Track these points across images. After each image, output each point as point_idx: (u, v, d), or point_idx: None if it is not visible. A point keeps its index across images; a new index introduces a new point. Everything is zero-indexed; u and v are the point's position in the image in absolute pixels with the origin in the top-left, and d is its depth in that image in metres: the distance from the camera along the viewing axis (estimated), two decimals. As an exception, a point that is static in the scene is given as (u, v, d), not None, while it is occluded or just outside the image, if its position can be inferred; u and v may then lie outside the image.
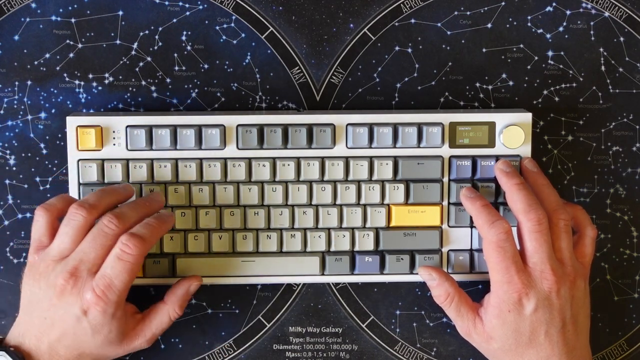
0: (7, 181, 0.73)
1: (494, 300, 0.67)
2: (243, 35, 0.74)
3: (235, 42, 0.74)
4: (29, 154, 0.73)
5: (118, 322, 0.65)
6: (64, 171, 0.73)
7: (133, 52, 0.73)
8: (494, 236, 0.66)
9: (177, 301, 0.69)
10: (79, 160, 0.70)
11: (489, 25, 0.74)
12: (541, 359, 0.67)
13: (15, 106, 0.73)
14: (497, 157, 0.71)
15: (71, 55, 0.73)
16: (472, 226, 0.73)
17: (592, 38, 0.75)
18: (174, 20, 0.73)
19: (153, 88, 0.74)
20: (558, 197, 0.69)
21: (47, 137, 0.73)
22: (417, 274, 0.73)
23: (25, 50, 0.73)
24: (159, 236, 0.66)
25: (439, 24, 0.74)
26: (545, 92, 0.75)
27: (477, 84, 0.75)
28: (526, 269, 0.66)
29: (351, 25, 0.74)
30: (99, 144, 0.70)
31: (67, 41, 0.73)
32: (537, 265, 0.66)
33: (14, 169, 0.73)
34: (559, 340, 0.67)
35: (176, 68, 0.74)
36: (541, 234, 0.66)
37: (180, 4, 0.73)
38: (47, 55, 0.73)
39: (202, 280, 0.71)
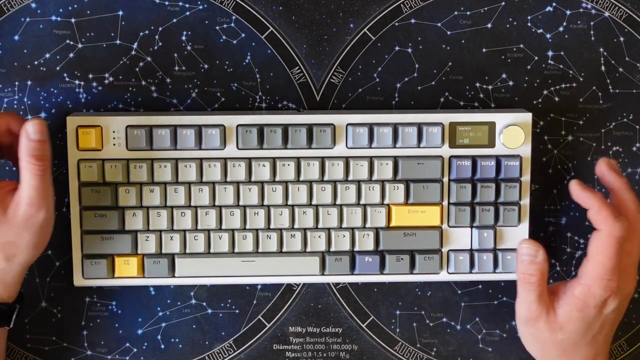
0: (7, 181, 0.73)
1: (581, 292, 0.66)
2: (243, 35, 0.74)
3: (235, 42, 0.74)
4: (29, 154, 0.73)
5: None
6: (64, 171, 0.73)
7: (133, 52, 0.73)
8: (619, 231, 0.65)
9: (25, 151, 0.63)
10: (79, 160, 0.70)
11: (489, 25, 0.74)
12: (590, 356, 0.68)
13: (15, 106, 0.73)
14: (497, 157, 0.71)
15: (71, 55, 0.73)
16: (472, 226, 0.73)
17: (592, 38, 0.75)
18: (174, 20, 0.73)
19: (153, 88, 0.74)
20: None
21: (47, 137, 0.73)
22: (417, 273, 0.73)
23: (25, 50, 0.73)
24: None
25: (439, 24, 0.74)
26: (545, 92, 0.75)
27: (477, 84, 0.75)
28: (620, 270, 0.66)
29: (351, 25, 0.74)
30: (99, 144, 0.70)
31: (67, 41, 0.73)
32: (629, 268, 0.67)
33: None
34: (608, 340, 0.68)
35: (176, 68, 0.74)
36: None
37: (180, 4, 0.73)
38: (47, 55, 0.73)
39: (40, 119, 0.64)
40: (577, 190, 0.68)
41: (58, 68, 0.73)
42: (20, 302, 0.68)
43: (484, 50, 0.74)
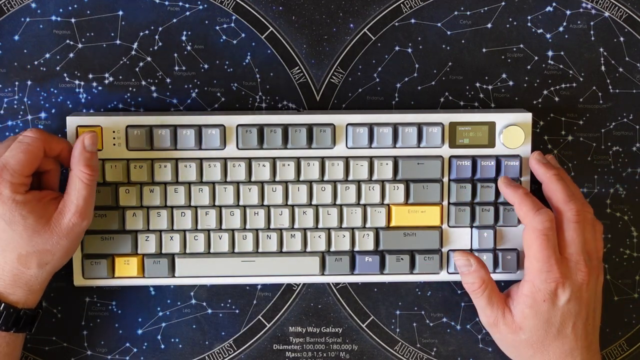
0: (7, 181, 0.73)
1: (527, 289, 0.67)
2: (243, 35, 0.74)
3: (235, 42, 0.74)
4: (29, 154, 0.73)
5: (28, 206, 0.63)
6: (64, 171, 0.73)
7: (133, 52, 0.73)
8: (540, 224, 0.66)
9: (79, 161, 0.65)
10: (79, 160, 0.70)
11: (489, 25, 0.74)
12: (565, 352, 0.67)
13: (15, 106, 0.73)
14: (497, 157, 0.71)
15: (71, 55, 0.73)
16: (472, 226, 0.73)
17: (592, 38, 0.75)
18: (174, 20, 0.73)
19: (153, 88, 0.74)
20: (580, 192, 0.71)
21: (47, 137, 0.73)
22: (417, 273, 0.73)
23: (25, 50, 0.72)
24: (57, 141, 0.67)
25: (439, 24, 0.74)
26: (545, 92, 0.75)
27: (477, 84, 0.75)
28: (563, 259, 0.67)
29: (351, 25, 0.74)
30: (99, 144, 0.70)
31: (67, 41, 0.73)
32: (572, 256, 0.67)
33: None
34: (582, 333, 0.67)
35: (176, 68, 0.74)
36: (580, 224, 0.67)
37: (180, 4, 0.73)
38: (47, 55, 0.73)
39: (94, 132, 0.68)
40: (501, 187, 0.70)
41: (58, 68, 0.73)
42: (40, 307, 0.69)
43: (484, 50, 0.74)
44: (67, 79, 0.73)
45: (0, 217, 0.63)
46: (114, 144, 0.70)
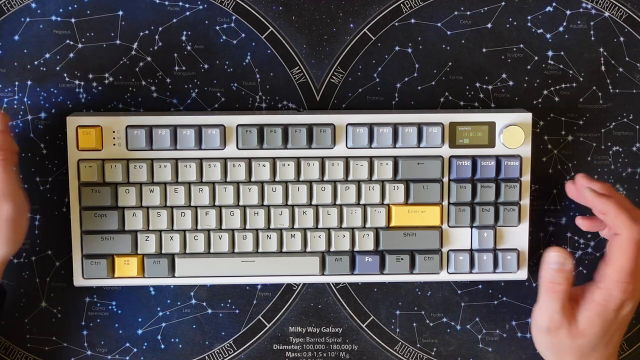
0: (7, 181, 0.73)
1: (601, 297, 0.66)
2: (243, 35, 0.74)
3: (235, 42, 0.74)
4: (29, 154, 0.73)
5: None
6: (64, 171, 0.73)
7: (133, 52, 0.73)
8: (639, 234, 0.65)
9: None
10: (79, 160, 0.70)
11: (489, 25, 0.74)
12: (604, 356, 0.67)
13: (15, 106, 0.73)
14: (497, 157, 0.71)
15: (71, 55, 0.73)
16: (472, 226, 0.73)
17: (592, 38, 0.75)
18: (174, 20, 0.73)
19: (153, 88, 0.74)
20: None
21: (47, 137, 0.73)
22: (417, 273, 0.73)
23: (25, 50, 0.72)
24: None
25: (439, 24, 0.74)
26: (545, 92, 0.75)
27: (477, 84, 0.75)
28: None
29: (351, 25, 0.74)
30: (99, 144, 0.70)
31: (67, 41, 0.73)
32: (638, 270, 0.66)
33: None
34: (618, 341, 0.68)
35: (176, 68, 0.74)
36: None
37: (180, 4, 0.73)
38: (47, 55, 0.73)
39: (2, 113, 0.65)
40: (591, 197, 0.68)
41: (58, 68, 0.73)
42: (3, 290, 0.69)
43: (484, 50, 0.74)
44: (67, 79, 0.73)
45: None
46: (114, 144, 0.70)
